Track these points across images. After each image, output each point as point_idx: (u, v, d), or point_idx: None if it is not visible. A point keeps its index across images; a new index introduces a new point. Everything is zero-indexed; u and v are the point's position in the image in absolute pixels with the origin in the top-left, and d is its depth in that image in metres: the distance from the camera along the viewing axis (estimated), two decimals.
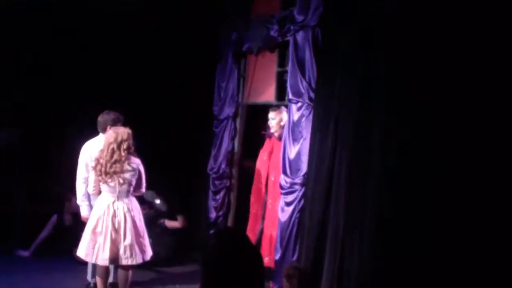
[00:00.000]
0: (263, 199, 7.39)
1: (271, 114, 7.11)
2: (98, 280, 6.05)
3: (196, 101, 8.83)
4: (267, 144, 7.46)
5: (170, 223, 8.41)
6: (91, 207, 6.22)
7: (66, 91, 9.02)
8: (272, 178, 7.21)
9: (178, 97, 9.00)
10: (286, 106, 6.87)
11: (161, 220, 8.33)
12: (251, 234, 7.37)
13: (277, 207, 6.91)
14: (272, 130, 7.20)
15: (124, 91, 8.84)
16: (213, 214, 8.28)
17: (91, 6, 8.63)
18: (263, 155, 7.47)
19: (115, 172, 5.78)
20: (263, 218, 7.38)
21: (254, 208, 7.55)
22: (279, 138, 7.12)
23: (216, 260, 2.17)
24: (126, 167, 5.82)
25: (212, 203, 8.33)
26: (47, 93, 8.99)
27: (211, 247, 2.23)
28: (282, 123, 7.02)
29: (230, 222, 8.28)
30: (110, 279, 6.33)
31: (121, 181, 5.80)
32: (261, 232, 7.32)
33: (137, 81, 9.10)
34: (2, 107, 8.72)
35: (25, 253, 8.15)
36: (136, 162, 5.94)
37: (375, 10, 5.37)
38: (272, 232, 7.03)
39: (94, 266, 6.26)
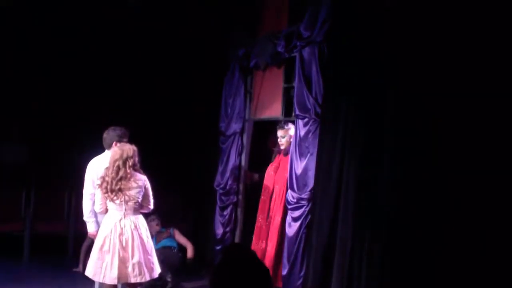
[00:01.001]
0: (267, 212, 7.37)
1: (280, 132, 7.13)
2: None
3: (202, 117, 8.87)
4: (276, 160, 7.47)
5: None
6: (98, 223, 6.20)
7: (69, 97, 9.07)
8: (276, 192, 7.22)
9: (184, 114, 9.04)
10: (293, 122, 6.88)
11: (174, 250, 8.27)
12: (255, 248, 7.35)
13: (277, 221, 6.95)
14: (282, 147, 7.22)
15: (131, 107, 8.88)
16: (220, 230, 8.27)
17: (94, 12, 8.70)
18: (270, 170, 7.47)
19: (120, 190, 5.72)
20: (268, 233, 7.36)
21: (259, 223, 7.52)
22: (286, 153, 7.14)
23: (224, 276, 2.16)
24: (132, 184, 5.77)
25: (219, 219, 8.32)
26: (53, 105, 9.05)
27: (219, 264, 2.23)
28: (291, 140, 7.05)
29: (237, 238, 8.27)
30: None
31: (127, 198, 5.76)
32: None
33: (144, 97, 9.12)
34: (8, 121, 8.80)
35: (78, 269, 8.14)
36: (142, 178, 5.89)
37: (381, 25, 5.39)
38: (268, 246, 7.02)
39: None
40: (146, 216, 6.57)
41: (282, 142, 7.15)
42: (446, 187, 4.60)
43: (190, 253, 8.21)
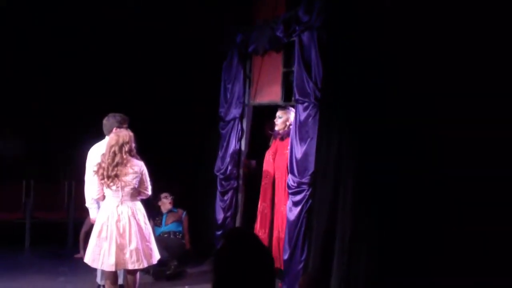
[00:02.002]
0: (270, 199, 7.40)
1: (279, 113, 7.20)
2: (107, 284, 6.04)
3: (202, 103, 8.87)
4: (273, 144, 7.49)
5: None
6: None
7: (70, 94, 9.09)
8: (277, 179, 7.26)
9: (184, 100, 9.05)
10: (293, 107, 6.88)
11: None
12: (260, 233, 7.39)
13: (284, 209, 6.95)
14: (276, 128, 7.24)
15: (130, 94, 8.90)
16: (220, 215, 8.29)
17: (94, 12, 8.67)
18: (268, 155, 7.48)
19: (116, 175, 5.71)
20: (272, 219, 7.38)
21: (261, 207, 7.55)
22: (282, 138, 7.20)
23: (227, 260, 2.18)
24: (128, 170, 5.75)
25: (220, 204, 8.34)
26: (53, 100, 9.07)
27: (222, 248, 2.24)
28: (287, 123, 7.10)
29: (238, 223, 8.28)
30: (120, 281, 6.32)
31: (124, 184, 5.75)
32: (271, 233, 7.33)
33: (142, 84, 9.13)
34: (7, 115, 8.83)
35: (79, 255, 8.16)
36: (139, 164, 5.86)
37: (379, 9, 5.38)
38: (280, 233, 7.06)
39: None
40: (158, 193, 6.61)
41: (278, 122, 7.18)
42: (447, 173, 4.60)
43: (187, 244, 8.29)
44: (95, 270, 6.67)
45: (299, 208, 6.47)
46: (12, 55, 8.81)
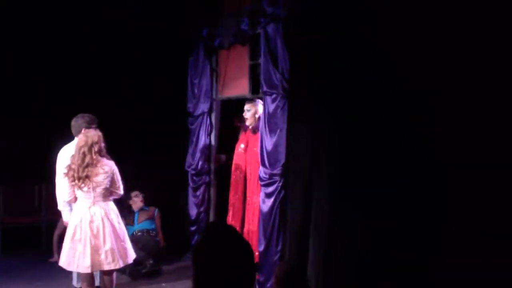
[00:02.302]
0: (242, 191, 7.42)
1: (247, 106, 7.20)
2: (84, 286, 6.00)
3: (169, 100, 8.84)
4: (242, 137, 7.51)
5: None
6: None
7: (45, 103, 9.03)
8: (249, 172, 7.27)
9: (151, 98, 9.02)
10: (261, 99, 6.90)
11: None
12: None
13: (256, 202, 6.98)
14: (247, 123, 7.25)
15: (95, 92, 8.82)
16: (194, 211, 8.30)
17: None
18: (239, 149, 7.50)
19: (87, 176, 5.67)
20: (243, 212, 7.40)
21: (232, 201, 7.58)
22: (253, 131, 7.20)
23: (207, 255, 2.18)
24: (99, 170, 5.71)
25: (192, 200, 8.34)
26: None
27: (201, 243, 2.24)
28: (256, 115, 7.12)
29: (211, 218, 8.30)
30: (97, 283, 6.29)
31: (95, 184, 5.71)
32: (242, 226, 7.34)
33: (108, 81, 9.06)
34: None
35: (53, 259, 8.09)
36: (109, 164, 5.83)
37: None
38: (250, 226, 7.08)
39: None
40: (129, 192, 6.59)
41: (247, 116, 7.19)
42: (432, 155, 4.64)
43: (161, 242, 8.28)
44: (71, 273, 6.65)
45: (272, 199, 6.50)
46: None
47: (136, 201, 8.32)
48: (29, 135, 8.91)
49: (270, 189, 6.51)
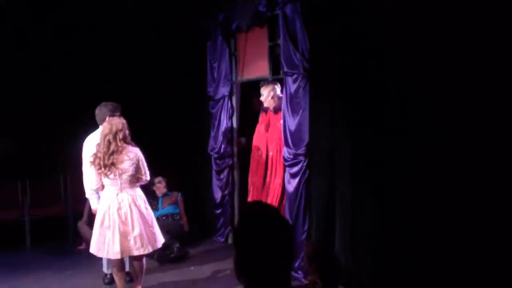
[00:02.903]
0: (262, 172, 7.43)
1: (262, 90, 7.21)
2: (114, 271, 6.07)
3: (190, 85, 8.86)
4: (263, 118, 7.51)
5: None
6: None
7: (56, 88, 9.08)
8: (270, 153, 7.29)
9: (172, 84, 9.07)
10: (281, 80, 6.89)
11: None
12: None
13: (278, 181, 7.01)
14: (265, 105, 7.27)
15: (118, 80, 8.88)
16: (218, 194, 8.36)
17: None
18: (260, 129, 7.52)
19: (113, 164, 5.71)
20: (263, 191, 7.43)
21: (252, 181, 7.61)
22: (275, 111, 7.20)
23: (248, 235, 2.20)
24: (124, 157, 5.75)
25: (216, 183, 8.41)
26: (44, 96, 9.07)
27: (241, 223, 2.26)
28: (275, 97, 7.11)
29: (236, 200, 8.35)
30: (126, 268, 6.35)
31: (121, 171, 5.75)
32: None
33: (129, 68, 9.11)
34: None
35: (82, 246, 8.20)
36: (134, 151, 5.86)
37: None
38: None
39: None
40: (152, 178, 6.66)
41: (263, 99, 7.21)
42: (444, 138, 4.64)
43: (186, 226, 8.33)
44: (100, 260, 6.71)
45: (297, 179, 6.51)
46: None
47: (160, 187, 8.37)
48: (52, 128, 8.98)
49: (295, 169, 6.52)
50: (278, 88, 7.15)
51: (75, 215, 8.79)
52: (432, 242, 4.69)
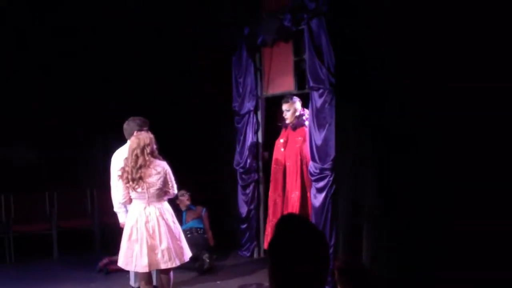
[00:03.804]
0: (281, 187, 7.46)
1: (285, 106, 7.27)
2: (142, 284, 6.09)
3: (215, 100, 8.91)
4: (283, 133, 7.54)
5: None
6: None
7: (86, 104, 9.20)
8: (288, 168, 7.33)
9: (197, 99, 9.13)
10: (307, 95, 6.92)
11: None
12: (273, 222, 7.42)
13: (295, 197, 7.07)
14: (287, 121, 7.31)
15: (146, 96, 8.98)
16: (244, 209, 8.37)
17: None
18: (279, 145, 7.55)
19: (141, 178, 5.72)
20: (283, 207, 7.44)
21: (273, 198, 7.63)
22: (293, 128, 7.25)
23: (283, 248, 2.22)
24: (152, 171, 5.76)
25: (242, 198, 8.42)
26: (64, 105, 9.19)
27: (277, 235, 2.27)
28: (296, 113, 7.19)
29: (261, 215, 8.36)
30: (154, 282, 6.38)
31: (148, 185, 5.77)
32: None
33: (155, 84, 9.21)
34: (19, 123, 8.92)
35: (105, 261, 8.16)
36: (161, 165, 5.88)
37: None
38: None
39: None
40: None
41: (287, 116, 7.27)
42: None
43: (211, 241, 8.34)
44: (127, 273, 6.75)
45: (323, 194, 6.53)
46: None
47: (183, 200, 8.38)
48: (81, 141, 9.09)
49: (321, 183, 6.54)
50: (299, 103, 7.18)
51: (101, 228, 8.87)
52: (464, 256, 4.66)
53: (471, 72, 4.56)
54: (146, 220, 5.81)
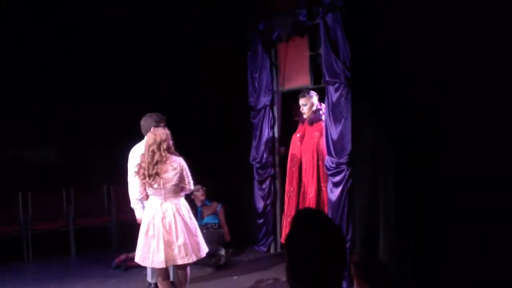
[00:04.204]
0: (297, 182, 7.45)
1: (302, 101, 7.24)
2: (159, 280, 6.12)
3: (231, 95, 8.91)
4: (300, 128, 7.52)
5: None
6: None
7: (101, 99, 9.26)
8: (304, 163, 7.30)
9: (212, 95, 9.14)
10: (323, 89, 6.90)
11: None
12: (289, 218, 7.42)
13: (311, 192, 7.04)
14: (305, 116, 7.29)
15: (161, 93, 9.00)
16: (260, 204, 8.38)
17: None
18: (295, 139, 7.53)
19: (157, 173, 5.75)
20: (298, 202, 7.43)
21: (288, 193, 7.62)
22: (310, 122, 7.23)
23: (302, 241, 2.21)
24: (168, 167, 5.78)
25: (258, 193, 8.42)
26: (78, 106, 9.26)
27: (295, 229, 2.27)
28: (313, 108, 7.16)
29: (278, 210, 8.36)
30: (171, 278, 6.40)
31: (164, 181, 5.78)
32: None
33: (173, 81, 9.24)
34: (43, 126, 8.98)
35: (122, 257, 8.20)
36: (178, 161, 5.89)
37: None
38: None
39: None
40: None
41: (304, 110, 7.24)
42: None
43: (227, 237, 8.34)
44: (144, 269, 6.78)
45: (340, 188, 6.52)
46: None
47: (198, 195, 8.39)
48: (96, 139, 9.14)
49: (338, 178, 6.52)
50: (316, 98, 7.16)
51: (118, 225, 8.92)
52: (481, 252, 4.63)
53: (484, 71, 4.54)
54: (163, 216, 5.83)
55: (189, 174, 6.01)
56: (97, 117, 9.20)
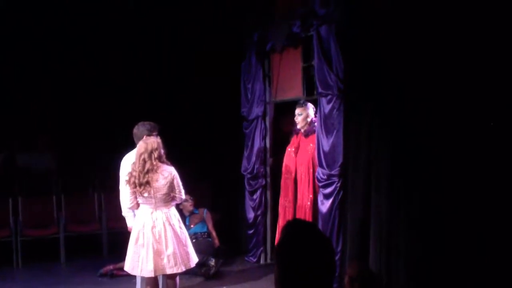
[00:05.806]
0: (292, 194, 7.43)
1: (298, 110, 7.20)
2: None
3: (223, 105, 8.92)
4: (294, 140, 7.52)
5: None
6: None
7: (94, 106, 9.24)
8: (299, 175, 7.29)
9: (205, 103, 9.14)
10: (315, 101, 6.92)
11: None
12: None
13: (306, 204, 7.03)
14: (298, 126, 7.27)
15: (152, 100, 9.00)
16: (251, 214, 8.36)
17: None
18: (290, 151, 7.52)
19: (148, 182, 5.71)
20: (294, 214, 7.42)
21: (283, 204, 7.59)
22: (305, 134, 7.21)
23: (290, 252, 2.22)
24: (159, 176, 5.75)
25: (249, 203, 8.41)
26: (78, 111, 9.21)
27: (284, 240, 2.28)
28: (308, 119, 7.13)
29: (269, 221, 8.35)
30: (160, 287, 6.38)
31: (155, 190, 5.77)
32: None
33: (165, 91, 9.25)
34: (35, 131, 8.97)
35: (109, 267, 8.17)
36: (169, 170, 5.86)
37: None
38: None
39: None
40: None
41: (298, 120, 7.19)
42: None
43: (216, 242, 8.32)
44: (133, 278, 6.74)
45: (330, 200, 6.52)
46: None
47: (186, 205, 8.33)
48: (88, 146, 9.12)
49: (328, 190, 6.53)
50: (313, 110, 7.18)
51: (109, 233, 8.90)
52: (472, 262, 4.65)
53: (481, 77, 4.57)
54: (153, 225, 5.81)
55: (180, 183, 5.99)
56: (89, 125, 9.18)
